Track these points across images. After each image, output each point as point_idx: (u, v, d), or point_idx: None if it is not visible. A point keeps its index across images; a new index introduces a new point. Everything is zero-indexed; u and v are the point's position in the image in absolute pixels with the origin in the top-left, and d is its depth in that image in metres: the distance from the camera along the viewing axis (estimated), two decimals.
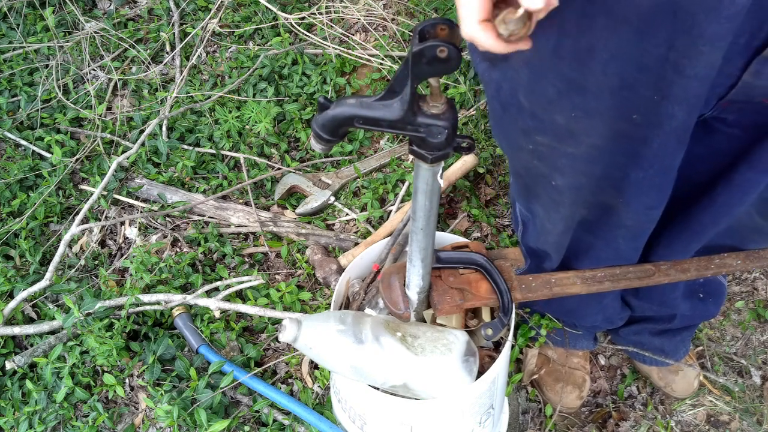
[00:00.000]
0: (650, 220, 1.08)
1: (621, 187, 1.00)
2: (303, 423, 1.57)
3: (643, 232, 1.13)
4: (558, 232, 1.20)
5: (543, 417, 1.69)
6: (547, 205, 1.15)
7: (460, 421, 1.23)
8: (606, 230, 1.15)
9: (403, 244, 1.45)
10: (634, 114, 0.85)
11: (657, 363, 1.68)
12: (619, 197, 1.02)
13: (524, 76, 0.87)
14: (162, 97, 2.30)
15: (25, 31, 2.53)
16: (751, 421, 1.66)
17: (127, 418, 1.66)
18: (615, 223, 1.10)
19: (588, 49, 0.78)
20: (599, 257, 1.24)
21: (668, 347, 1.65)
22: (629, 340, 1.69)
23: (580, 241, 1.22)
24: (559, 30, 0.78)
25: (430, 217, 0.97)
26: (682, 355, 1.68)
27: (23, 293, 1.77)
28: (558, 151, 0.96)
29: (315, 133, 0.84)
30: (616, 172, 0.97)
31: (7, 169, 2.14)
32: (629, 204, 1.03)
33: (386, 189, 2.07)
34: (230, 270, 1.96)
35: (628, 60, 0.77)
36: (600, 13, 0.74)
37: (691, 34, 0.72)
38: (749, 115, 0.92)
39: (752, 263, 1.24)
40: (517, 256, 1.26)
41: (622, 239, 1.16)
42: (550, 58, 0.81)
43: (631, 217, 1.07)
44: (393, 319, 1.18)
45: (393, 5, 2.51)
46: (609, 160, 0.95)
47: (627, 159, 0.94)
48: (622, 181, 0.98)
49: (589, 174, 0.99)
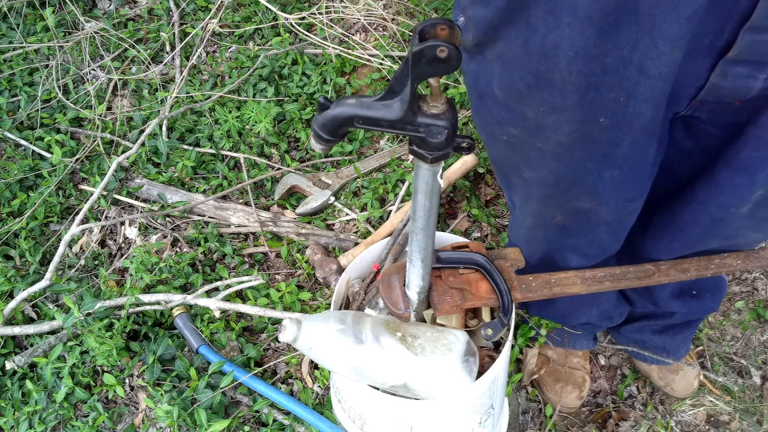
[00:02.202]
0: (630, 212, 1.09)
1: (595, 190, 1.01)
2: (303, 423, 1.57)
3: (625, 224, 1.14)
4: (527, 225, 1.23)
5: (543, 417, 1.69)
6: (520, 195, 1.18)
7: (460, 421, 1.23)
8: (587, 231, 1.17)
9: (403, 244, 1.45)
10: (601, 117, 0.86)
11: (658, 362, 1.68)
12: (596, 199, 1.04)
13: (497, 69, 0.90)
14: (162, 97, 2.30)
15: (25, 31, 2.53)
16: (751, 421, 1.66)
17: (127, 418, 1.66)
18: (595, 222, 1.12)
19: (554, 46, 0.79)
20: (585, 254, 1.26)
21: (670, 346, 1.65)
22: (631, 339, 1.69)
23: (563, 243, 1.24)
24: (526, 26, 0.80)
25: (430, 217, 0.97)
26: (683, 353, 1.68)
27: (23, 293, 1.77)
28: (528, 145, 0.98)
29: (315, 133, 0.84)
30: (588, 176, 0.99)
31: (7, 169, 2.14)
32: (608, 203, 1.04)
33: (386, 189, 2.07)
34: (230, 270, 1.96)
35: (593, 59, 0.79)
36: (565, 11, 0.75)
37: (653, 35, 0.74)
38: (723, 114, 0.93)
39: (752, 263, 1.24)
40: (517, 256, 1.26)
41: (605, 234, 1.17)
42: (521, 53, 0.83)
43: (612, 213, 1.08)
44: (393, 319, 1.18)
45: (393, 5, 2.51)
46: (577, 162, 0.96)
47: (597, 163, 0.96)
48: (596, 184, 1.00)
49: (555, 171, 1.01)
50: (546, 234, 1.23)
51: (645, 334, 1.64)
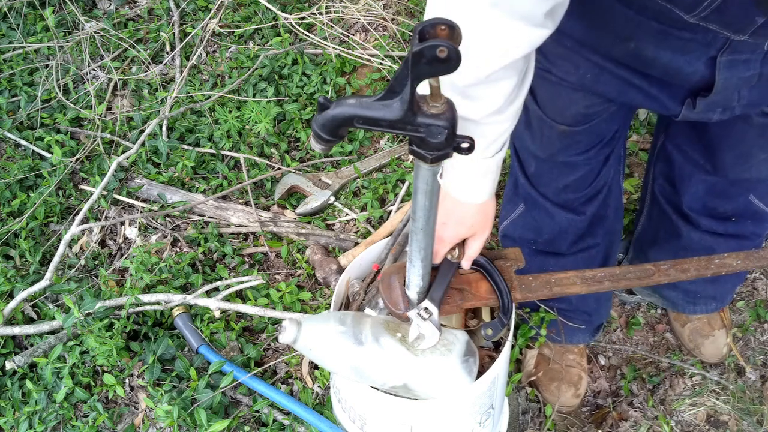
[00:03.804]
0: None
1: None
2: (303, 423, 1.57)
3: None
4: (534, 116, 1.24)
5: (543, 417, 1.69)
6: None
7: (460, 421, 1.23)
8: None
9: (403, 244, 1.45)
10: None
11: (706, 311, 1.73)
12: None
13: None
14: (162, 97, 2.30)
15: (25, 31, 2.53)
16: (751, 421, 1.66)
17: (127, 418, 1.66)
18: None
19: None
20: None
21: (719, 293, 1.70)
22: (683, 289, 1.71)
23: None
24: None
25: (430, 217, 0.97)
26: (729, 299, 1.77)
27: (23, 293, 1.77)
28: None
29: (315, 133, 0.84)
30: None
31: (7, 169, 2.14)
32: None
33: (386, 189, 2.07)
34: (230, 270, 1.96)
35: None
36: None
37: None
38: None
39: (752, 263, 1.24)
40: (517, 256, 1.26)
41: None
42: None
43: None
44: (393, 319, 1.18)
45: (393, 5, 2.51)
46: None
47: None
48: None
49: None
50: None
51: (698, 283, 1.66)
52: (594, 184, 1.41)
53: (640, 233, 1.74)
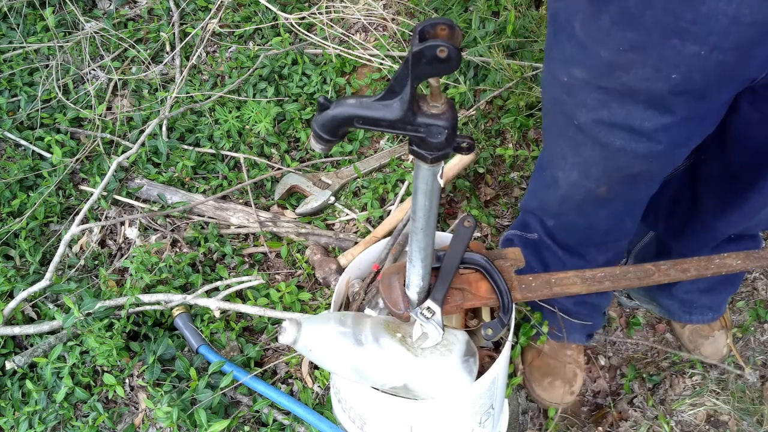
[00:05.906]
0: (677, 158, 1.14)
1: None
2: (303, 423, 1.57)
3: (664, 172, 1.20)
4: (569, 182, 1.24)
5: (543, 417, 1.69)
6: (570, 145, 1.18)
7: (460, 421, 1.23)
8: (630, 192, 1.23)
9: (403, 244, 1.45)
10: (674, 74, 0.90)
11: (701, 320, 1.75)
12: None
13: (585, 5, 0.94)
14: (162, 97, 2.30)
15: (25, 31, 2.53)
16: (751, 421, 1.66)
17: (127, 418, 1.66)
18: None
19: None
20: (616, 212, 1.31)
21: (714, 303, 1.72)
22: (679, 299, 1.72)
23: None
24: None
25: (430, 217, 0.97)
26: (724, 309, 1.78)
27: (23, 293, 1.77)
28: (590, 86, 1.01)
29: (315, 133, 0.84)
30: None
31: (7, 169, 2.14)
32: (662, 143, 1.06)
33: (386, 189, 2.07)
34: (230, 270, 1.96)
35: (686, 4, 0.83)
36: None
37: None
38: None
39: (752, 263, 1.24)
40: (517, 256, 1.26)
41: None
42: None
43: (662, 162, 1.13)
44: (393, 319, 1.18)
45: (393, 5, 2.51)
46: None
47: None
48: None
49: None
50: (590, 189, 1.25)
51: (693, 294, 1.69)
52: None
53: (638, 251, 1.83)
